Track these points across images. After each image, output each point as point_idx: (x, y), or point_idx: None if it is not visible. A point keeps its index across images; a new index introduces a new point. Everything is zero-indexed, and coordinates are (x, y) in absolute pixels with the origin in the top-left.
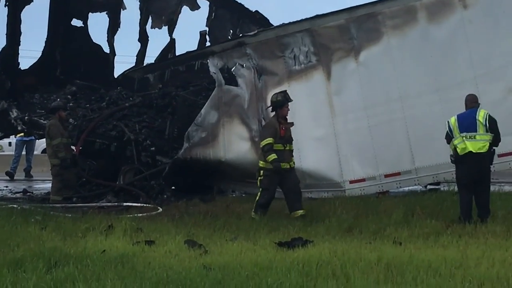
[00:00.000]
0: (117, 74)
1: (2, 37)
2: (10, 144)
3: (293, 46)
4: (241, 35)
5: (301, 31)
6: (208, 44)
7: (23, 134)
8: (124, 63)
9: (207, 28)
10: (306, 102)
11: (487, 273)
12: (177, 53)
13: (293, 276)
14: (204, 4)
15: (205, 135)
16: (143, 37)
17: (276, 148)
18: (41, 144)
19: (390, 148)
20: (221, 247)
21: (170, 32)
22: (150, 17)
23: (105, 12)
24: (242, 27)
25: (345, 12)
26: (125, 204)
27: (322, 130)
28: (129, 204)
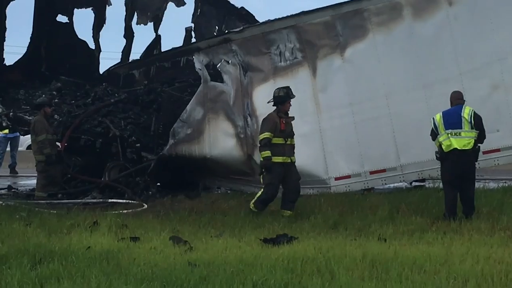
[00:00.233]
0: (102, 70)
1: None
2: None
3: (278, 43)
4: (226, 31)
5: (287, 27)
6: (193, 40)
7: (7, 130)
8: (109, 59)
9: (193, 25)
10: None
11: (471, 270)
12: (163, 50)
13: (278, 272)
14: (189, 0)
15: (191, 131)
16: (129, 33)
17: (277, 142)
18: (26, 140)
19: (375, 145)
20: (206, 244)
21: (156, 28)
22: (135, 13)
23: (90, 8)
24: (228, 24)
25: (330, 9)
26: (110, 200)
27: (308, 126)
28: (114, 200)
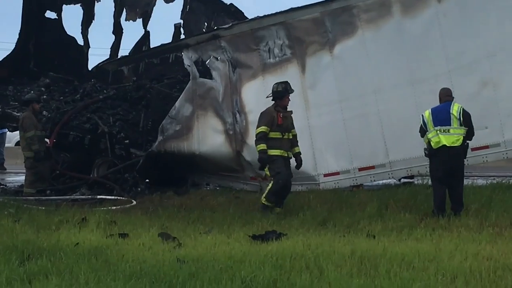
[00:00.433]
0: (91, 67)
1: None
2: None
3: (267, 39)
4: (215, 28)
5: (276, 24)
6: (182, 36)
7: None
8: (98, 56)
9: (182, 21)
10: None
11: (460, 266)
12: (152, 46)
13: (267, 269)
14: None
15: (179, 128)
16: (118, 29)
17: (274, 137)
18: (14, 136)
19: (364, 142)
20: (195, 240)
21: (145, 24)
22: (124, 10)
23: (79, 4)
24: (217, 20)
25: (320, 6)
26: (99, 197)
27: (297, 123)
28: (103, 197)
